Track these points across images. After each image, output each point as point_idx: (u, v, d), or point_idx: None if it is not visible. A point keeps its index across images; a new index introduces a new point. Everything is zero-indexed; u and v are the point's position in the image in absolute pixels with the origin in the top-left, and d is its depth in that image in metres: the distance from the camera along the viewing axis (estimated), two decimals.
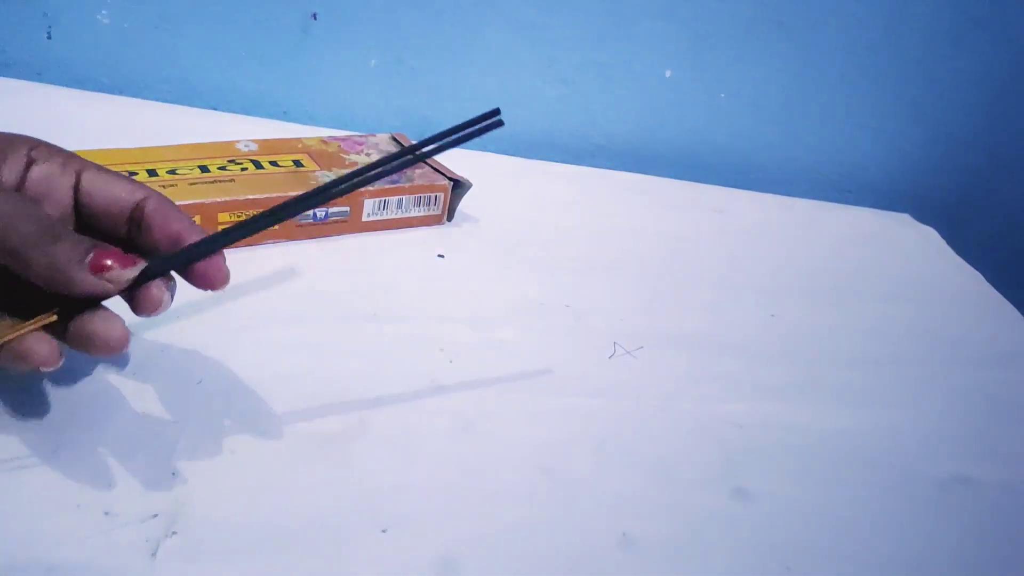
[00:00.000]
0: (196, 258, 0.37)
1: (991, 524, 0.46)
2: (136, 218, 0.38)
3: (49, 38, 0.77)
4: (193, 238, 0.37)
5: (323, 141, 0.66)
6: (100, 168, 0.39)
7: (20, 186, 0.37)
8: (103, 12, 0.76)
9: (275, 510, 0.38)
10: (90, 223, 0.39)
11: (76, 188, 0.38)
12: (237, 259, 0.55)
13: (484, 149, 0.82)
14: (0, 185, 0.36)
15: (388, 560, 0.37)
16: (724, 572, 0.40)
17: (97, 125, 0.68)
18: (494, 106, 0.40)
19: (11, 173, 0.37)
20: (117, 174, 0.39)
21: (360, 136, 0.69)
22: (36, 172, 0.38)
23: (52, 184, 0.38)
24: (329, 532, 0.37)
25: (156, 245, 0.38)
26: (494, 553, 0.38)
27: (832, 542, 0.43)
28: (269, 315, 0.51)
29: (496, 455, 0.44)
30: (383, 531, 0.38)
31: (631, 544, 0.40)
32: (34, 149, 0.38)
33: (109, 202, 0.38)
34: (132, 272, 0.34)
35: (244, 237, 0.37)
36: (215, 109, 0.80)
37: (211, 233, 0.37)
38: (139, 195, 0.38)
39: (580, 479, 0.43)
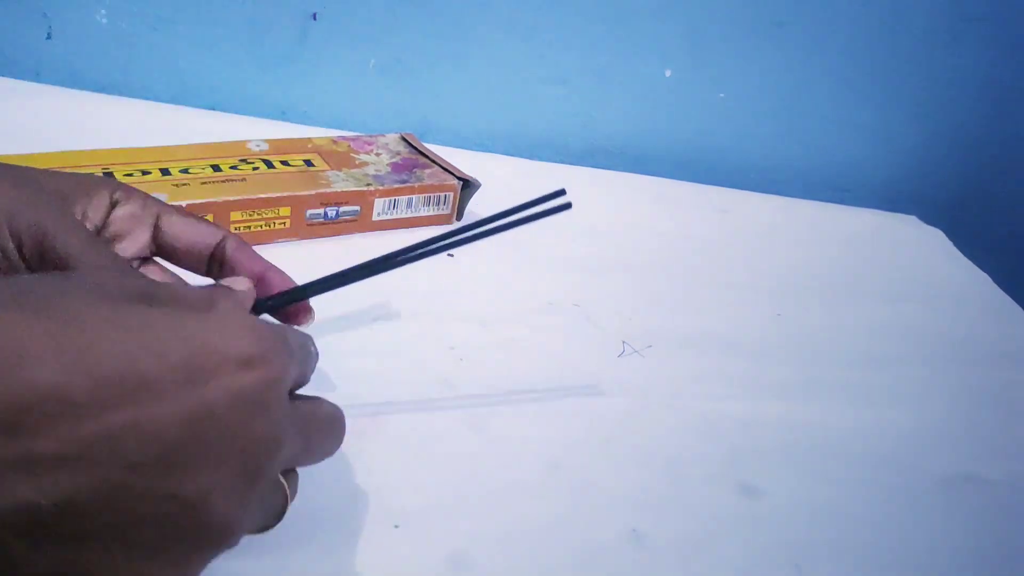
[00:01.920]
0: (295, 300, 0.41)
1: (997, 522, 0.47)
2: (217, 257, 0.42)
3: (49, 38, 0.76)
4: (275, 276, 0.42)
5: (333, 141, 0.66)
6: (178, 210, 0.42)
7: (104, 225, 0.40)
8: (102, 12, 0.76)
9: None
10: (172, 261, 0.43)
11: (155, 228, 0.41)
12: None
13: (486, 150, 0.83)
14: (114, 255, 0.37)
15: (400, 555, 0.37)
16: (733, 568, 0.40)
17: (95, 125, 0.68)
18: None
19: (96, 213, 0.40)
20: (193, 216, 0.42)
21: (370, 136, 0.69)
22: (119, 212, 0.40)
23: (133, 225, 0.41)
24: (342, 527, 0.37)
25: None
26: (505, 549, 0.38)
27: (840, 539, 0.43)
28: None
29: (506, 452, 0.44)
30: (395, 526, 0.38)
31: (641, 540, 0.40)
32: (116, 191, 0.41)
33: (192, 243, 0.42)
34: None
35: (334, 287, 0.41)
36: (214, 109, 0.80)
37: (298, 283, 0.42)
38: (218, 237, 0.42)
39: (590, 476, 0.44)
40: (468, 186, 0.64)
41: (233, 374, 0.27)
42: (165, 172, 0.56)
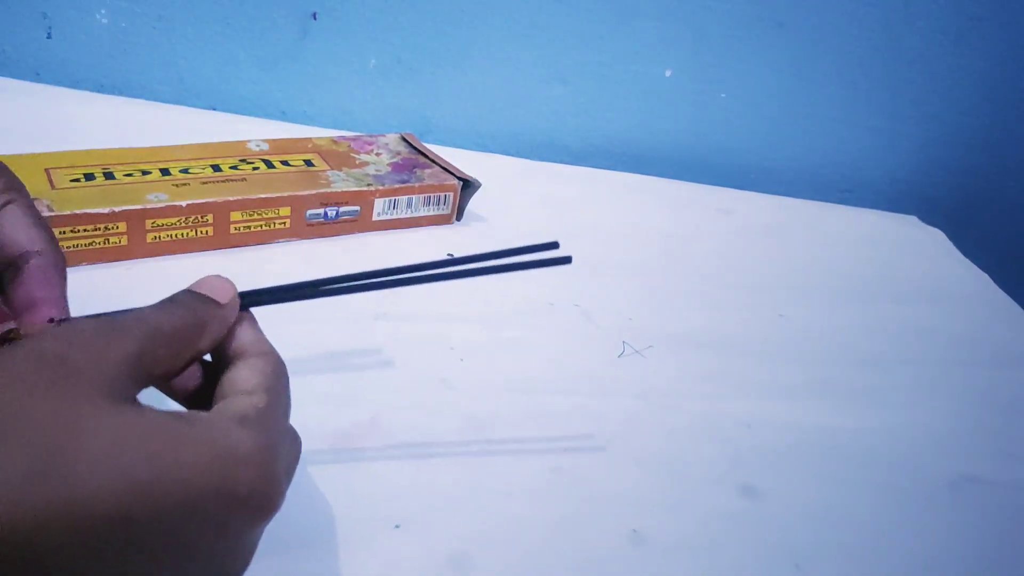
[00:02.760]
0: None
1: (1000, 523, 0.47)
2: (17, 265, 0.34)
3: (49, 38, 0.76)
4: (52, 312, 0.33)
5: (333, 141, 0.66)
6: (27, 207, 0.35)
7: None
8: (102, 12, 0.76)
9: (289, 507, 0.37)
10: None
11: None
12: (247, 258, 0.55)
13: (486, 150, 0.83)
14: None
15: (402, 555, 0.37)
16: (733, 569, 0.40)
17: (95, 125, 0.68)
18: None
19: None
20: (37, 218, 0.35)
21: (370, 136, 0.69)
22: None
23: None
24: (343, 528, 0.37)
25: (12, 302, 0.34)
26: (506, 549, 0.38)
27: (841, 540, 0.43)
28: (280, 314, 0.51)
29: (506, 453, 0.44)
30: (396, 527, 0.38)
31: (641, 541, 0.40)
32: None
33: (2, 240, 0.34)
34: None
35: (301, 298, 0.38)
36: (214, 109, 0.80)
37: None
38: (34, 247, 0.34)
39: (590, 477, 0.44)
40: (468, 186, 0.64)
41: (231, 514, 0.25)
42: (165, 172, 0.56)
